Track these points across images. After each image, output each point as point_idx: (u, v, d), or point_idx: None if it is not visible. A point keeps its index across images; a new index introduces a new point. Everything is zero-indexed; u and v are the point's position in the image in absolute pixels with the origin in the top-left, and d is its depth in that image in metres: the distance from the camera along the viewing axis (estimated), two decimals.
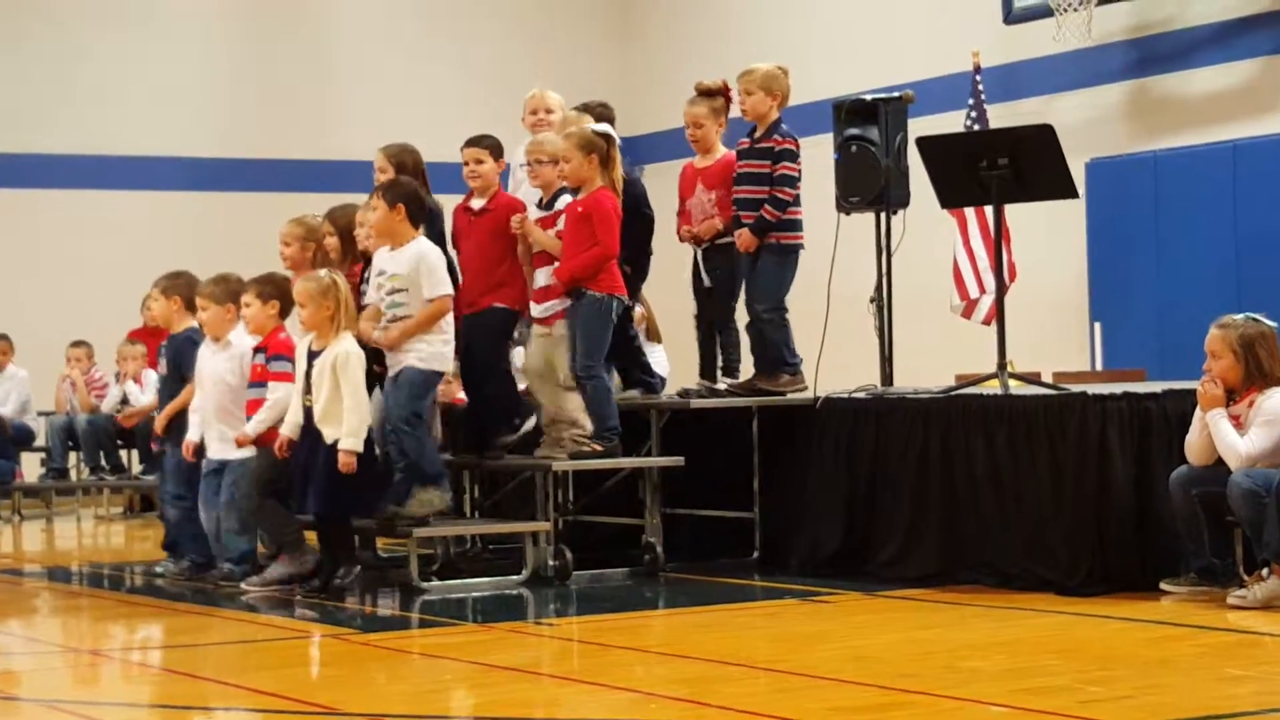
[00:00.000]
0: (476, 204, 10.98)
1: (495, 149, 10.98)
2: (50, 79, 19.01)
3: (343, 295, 10.14)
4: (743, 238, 10.95)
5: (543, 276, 10.80)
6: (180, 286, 11.07)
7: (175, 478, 11.09)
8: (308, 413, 10.09)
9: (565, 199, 10.78)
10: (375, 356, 10.46)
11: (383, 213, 10.34)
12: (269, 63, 19.92)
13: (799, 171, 10.95)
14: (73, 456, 17.40)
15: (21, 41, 18.94)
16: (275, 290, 10.56)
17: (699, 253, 11.32)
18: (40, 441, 17.58)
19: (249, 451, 10.43)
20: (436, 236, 10.64)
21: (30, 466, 17.67)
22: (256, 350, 10.53)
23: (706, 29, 19.89)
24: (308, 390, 10.11)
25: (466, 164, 10.97)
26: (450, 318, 10.39)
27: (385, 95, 19.93)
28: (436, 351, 10.32)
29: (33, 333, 17.49)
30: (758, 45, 16.83)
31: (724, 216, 11.15)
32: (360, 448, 9.96)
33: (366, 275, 10.77)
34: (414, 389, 10.29)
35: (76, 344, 17.22)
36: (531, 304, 10.85)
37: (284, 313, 10.60)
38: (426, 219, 10.55)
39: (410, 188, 10.49)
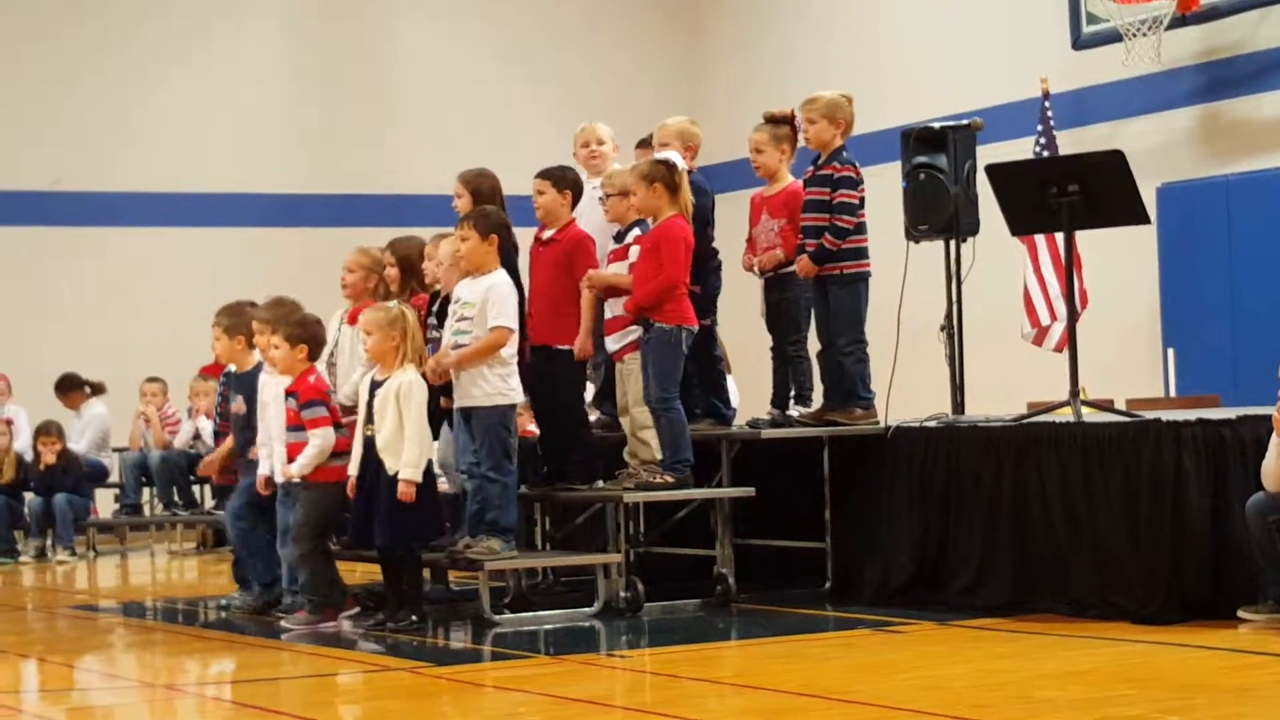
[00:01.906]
0: (546, 234, 11.02)
1: (558, 180, 10.97)
2: (120, 118, 19.17)
3: (410, 328, 10.16)
4: (802, 265, 10.92)
5: (612, 307, 10.80)
6: (243, 325, 11.09)
7: (245, 510, 11.11)
8: (370, 444, 10.10)
9: (636, 232, 10.78)
10: (444, 390, 10.47)
11: (475, 242, 10.35)
12: (337, 98, 20.02)
13: (860, 199, 10.91)
14: (146, 492, 17.50)
15: (91, 81, 19.09)
16: (304, 333, 10.56)
17: (762, 282, 11.33)
18: (114, 477, 17.71)
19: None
20: (511, 270, 10.67)
21: (104, 502, 17.78)
22: (288, 394, 10.56)
23: (775, 59, 19.90)
24: (369, 420, 10.12)
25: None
26: (513, 350, 10.39)
27: (454, 129, 20.00)
28: (499, 388, 10.31)
29: (105, 370, 17.61)
30: (826, 74, 16.83)
31: (786, 246, 11.12)
32: (419, 478, 9.96)
33: (434, 308, 10.79)
34: (492, 432, 10.28)
35: (151, 380, 17.33)
36: (605, 338, 10.86)
37: (312, 355, 10.62)
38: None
39: (502, 219, 10.50)
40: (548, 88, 20.54)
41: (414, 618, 10.13)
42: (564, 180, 11.00)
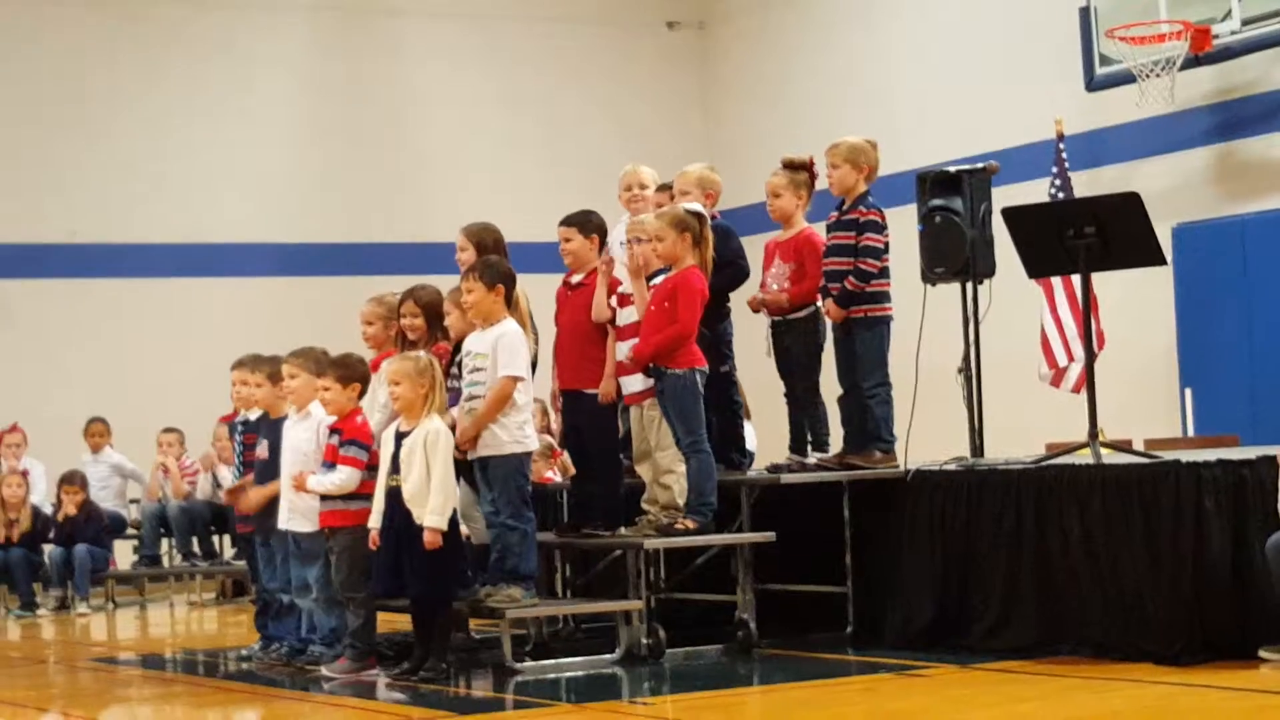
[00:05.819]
0: (575, 279, 11.03)
1: (584, 225, 11.02)
2: (136, 169, 19.19)
3: (438, 377, 10.17)
4: (830, 309, 10.96)
5: (625, 350, 10.80)
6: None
7: (267, 560, 11.13)
8: (395, 494, 10.09)
9: (660, 280, 10.78)
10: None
11: (480, 294, 10.36)
12: (353, 147, 20.04)
13: (885, 243, 10.96)
14: (165, 543, 17.50)
15: (107, 132, 19.14)
16: (354, 374, 10.62)
17: (769, 326, 11.35)
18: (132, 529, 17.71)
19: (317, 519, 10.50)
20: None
21: (123, 554, 17.77)
22: (333, 430, 10.58)
23: (788, 103, 19.93)
24: (394, 470, 10.11)
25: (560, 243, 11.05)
26: (528, 398, 10.39)
27: (470, 178, 20.03)
28: (514, 436, 10.31)
29: (122, 421, 17.64)
30: (841, 118, 16.89)
31: (793, 291, 11.14)
32: (444, 525, 9.94)
33: (457, 359, 10.79)
34: (510, 480, 10.29)
35: (167, 430, 17.34)
36: (620, 380, 10.86)
37: (361, 394, 10.66)
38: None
39: (506, 269, 10.52)
40: (564, 136, 20.58)
41: (442, 665, 10.10)
42: (589, 225, 11.05)
